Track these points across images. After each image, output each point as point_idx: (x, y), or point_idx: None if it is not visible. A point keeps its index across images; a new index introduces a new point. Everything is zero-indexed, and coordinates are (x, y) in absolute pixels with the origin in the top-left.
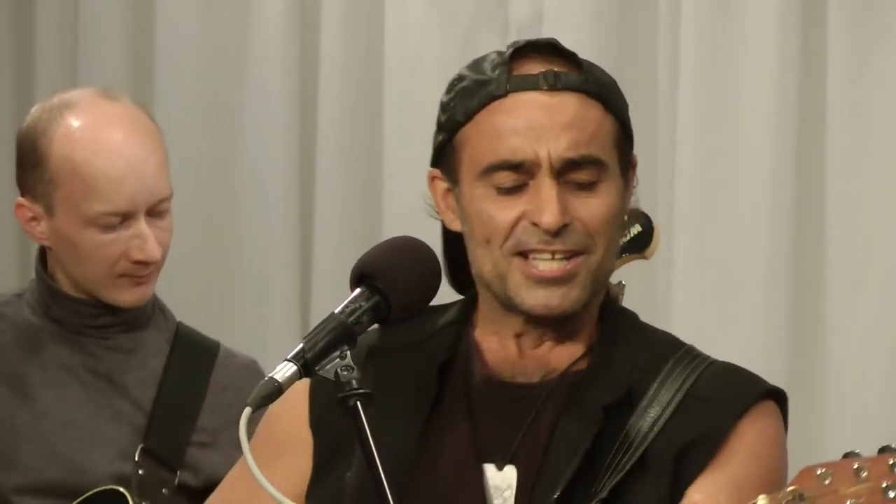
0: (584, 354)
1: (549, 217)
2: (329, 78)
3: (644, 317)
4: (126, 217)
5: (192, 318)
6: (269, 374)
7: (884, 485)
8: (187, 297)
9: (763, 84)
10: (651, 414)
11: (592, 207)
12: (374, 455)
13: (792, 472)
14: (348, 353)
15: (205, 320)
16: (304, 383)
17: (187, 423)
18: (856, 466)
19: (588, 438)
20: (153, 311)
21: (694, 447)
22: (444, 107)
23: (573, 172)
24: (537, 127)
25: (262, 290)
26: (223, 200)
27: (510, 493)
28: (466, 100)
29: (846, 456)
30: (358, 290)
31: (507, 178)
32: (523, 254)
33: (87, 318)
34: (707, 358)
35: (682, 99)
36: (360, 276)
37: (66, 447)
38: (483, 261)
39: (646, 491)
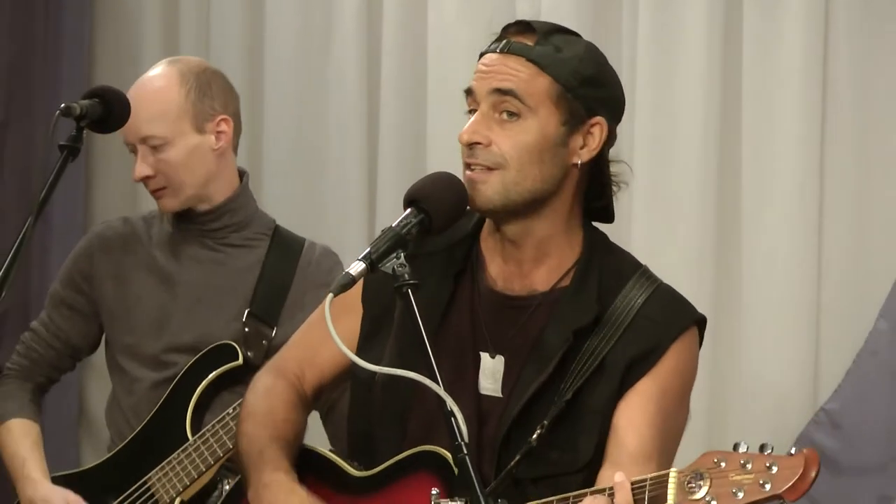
0: (567, 272)
1: (464, 135)
2: (388, 57)
3: (611, 236)
4: (133, 147)
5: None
6: (346, 270)
7: (761, 481)
8: (293, 214)
9: (696, 59)
10: (610, 328)
11: (510, 136)
12: (420, 327)
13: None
14: (402, 255)
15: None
16: (364, 272)
17: (282, 292)
18: (742, 461)
19: (559, 352)
20: (254, 216)
21: (639, 360)
22: None
23: (502, 102)
24: (485, 72)
25: (341, 207)
26: (314, 142)
27: (499, 376)
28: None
29: (735, 447)
30: (408, 210)
31: (469, 104)
32: (467, 165)
33: (200, 225)
34: (656, 280)
35: (639, 72)
36: (410, 200)
37: (197, 317)
38: None
39: (600, 393)
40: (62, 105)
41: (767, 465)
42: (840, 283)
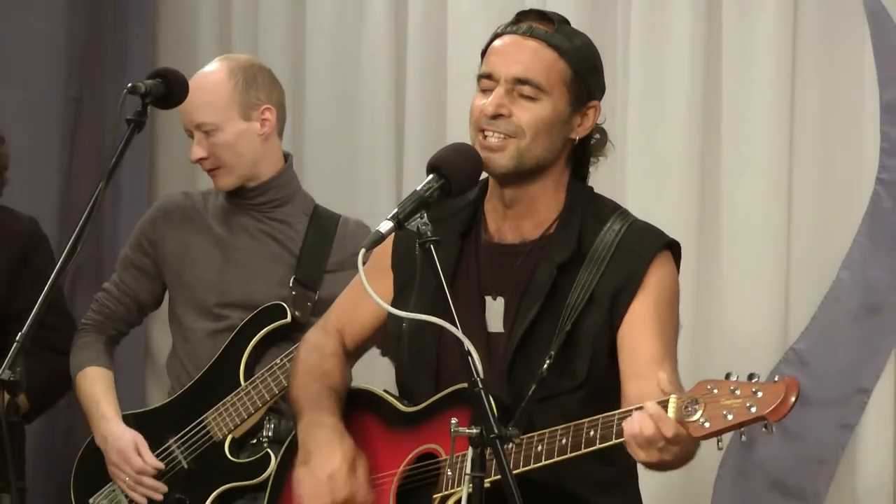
0: (553, 222)
1: (489, 107)
2: (413, 49)
3: (609, 193)
4: (190, 133)
5: (331, 200)
6: (376, 228)
7: (748, 404)
8: (331, 185)
9: (681, 40)
10: (595, 262)
11: (527, 111)
12: (441, 279)
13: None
14: (425, 215)
15: (339, 202)
16: (392, 236)
17: (322, 261)
18: (732, 387)
19: (548, 286)
20: (296, 194)
21: (622, 288)
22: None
23: (520, 86)
24: (506, 54)
25: (373, 177)
26: (349, 124)
27: (501, 315)
28: (490, 39)
29: (727, 376)
30: (431, 176)
31: (484, 84)
32: (481, 131)
33: (248, 199)
34: (631, 217)
35: (632, 57)
36: (433, 167)
37: (247, 278)
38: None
39: (592, 321)
40: (129, 84)
41: (754, 390)
42: (807, 238)
